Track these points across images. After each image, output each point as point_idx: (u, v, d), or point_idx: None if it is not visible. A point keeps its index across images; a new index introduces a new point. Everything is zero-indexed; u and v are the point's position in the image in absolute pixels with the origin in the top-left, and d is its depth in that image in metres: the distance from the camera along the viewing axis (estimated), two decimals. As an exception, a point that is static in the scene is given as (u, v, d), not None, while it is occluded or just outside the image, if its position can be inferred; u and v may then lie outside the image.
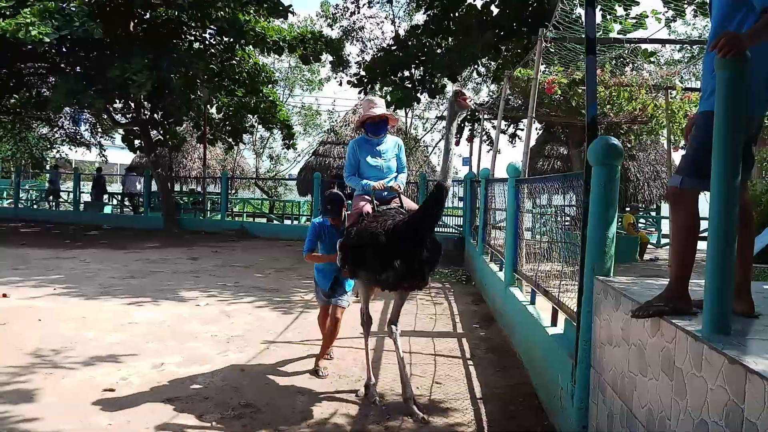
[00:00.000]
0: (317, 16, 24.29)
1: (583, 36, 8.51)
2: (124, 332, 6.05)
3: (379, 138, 4.68)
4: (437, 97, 17.27)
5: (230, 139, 19.99)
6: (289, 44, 16.60)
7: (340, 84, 16.86)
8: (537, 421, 4.03)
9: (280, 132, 20.87)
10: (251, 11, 16.23)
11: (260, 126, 21.58)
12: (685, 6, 12.85)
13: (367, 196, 4.45)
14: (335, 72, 17.74)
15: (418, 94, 14.43)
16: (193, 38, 17.65)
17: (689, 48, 18.44)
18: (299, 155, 32.64)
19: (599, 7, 8.98)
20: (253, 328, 6.42)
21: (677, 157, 18.21)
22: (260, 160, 33.76)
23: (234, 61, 18.17)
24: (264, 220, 20.46)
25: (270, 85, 19.92)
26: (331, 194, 4.77)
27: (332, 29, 22.33)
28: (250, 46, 17.38)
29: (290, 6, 16.05)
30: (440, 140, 27.89)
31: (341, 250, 4.30)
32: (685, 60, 18.94)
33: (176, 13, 15.41)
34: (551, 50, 8.93)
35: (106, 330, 6.11)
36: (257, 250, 14.03)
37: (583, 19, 4.22)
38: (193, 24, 16.49)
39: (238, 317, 6.92)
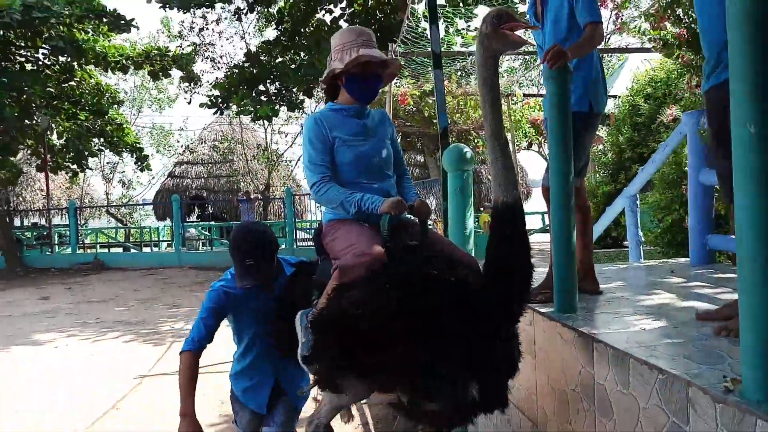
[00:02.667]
0: (158, 32, 23.28)
1: (430, 50, 9.02)
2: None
3: (365, 109, 2.55)
4: (296, 111, 17.31)
5: (74, 166, 18.56)
6: (135, 61, 15.81)
7: (189, 103, 16.29)
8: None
9: (130, 155, 19.74)
10: (89, 29, 15.26)
11: (108, 150, 20.26)
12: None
13: (366, 224, 2.36)
14: (186, 90, 17.15)
15: (277, 107, 14.41)
16: (24, 59, 16.19)
17: (524, 57, 20.14)
18: (153, 178, 31.03)
19: (442, 21, 9.60)
20: (121, 364, 6.05)
21: (522, 158, 19.75)
22: (111, 186, 31.64)
23: (73, 83, 16.92)
24: (120, 250, 19.23)
25: (116, 106, 18.81)
26: (254, 234, 2.51)
27: (181, 47, 21.60)
28: (91, 66, 16.31)
29: (133, 20, 15.30)
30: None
31: (336, 338, 2.11)
32: (522, 68, 20.62)
33: (1, 33, 14.09)
34: (401, 63, 9.36)
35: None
36: (116, 282, 13.16)
37: (429, 34, 4.53)
38: (23, 44, 15.16)
39: (104, 355, 6.48)
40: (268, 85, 14.63)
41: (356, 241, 2.25)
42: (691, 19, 5.24)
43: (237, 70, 14.83)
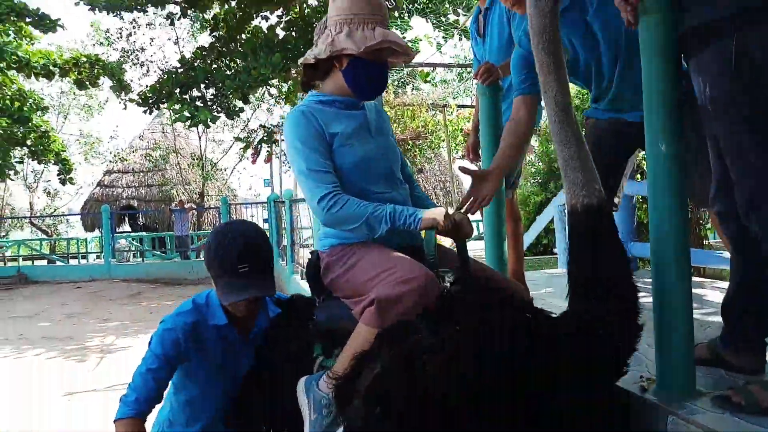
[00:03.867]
0: (88, 36, 22.39)
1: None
2: None
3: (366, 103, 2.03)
4: (234, 118, 17.06)
5: (-5, 176, 17.63)
6: (61, 68, 15.17)
7: (125, 108, 15.79)
8: None
9: (54, 165, 18.90)
10: (10, 31, 14.55)
11: (32, 159, 19.33)
12: (453, 30, 14.41)
13: (395, 249, 1.82)
14: (118, 97, 16.62)
15: (215, 113, 14.17)
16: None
17: (459, 69, 20.63)
18: (81, 188, 29.78)
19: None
20: (46, 382, 5.79)
21: (455, 167, 20.15)
22: (35, 195, 30.15)
23: (-7, 88, 16.10)
24: (45, 262, 18.36)
25: (40, 113, 17.98)
26: (246, 233, 1.85)
27: (108, 53, 20.89)
28: (13, 71, 15.55)
29: (58, 19, 14.68)
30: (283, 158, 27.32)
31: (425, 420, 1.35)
32: (457, 80, 21.09)
33: None
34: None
35: None
36: (41, 296, 12.55)
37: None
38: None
39: (28, 372, 6.19)
40: (203, 90, 14.36)
41: (392, 265, 1.66)
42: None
43: (170, 75, 14.50)
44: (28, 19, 14.16)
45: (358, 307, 1.68)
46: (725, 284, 3.19)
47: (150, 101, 13.93)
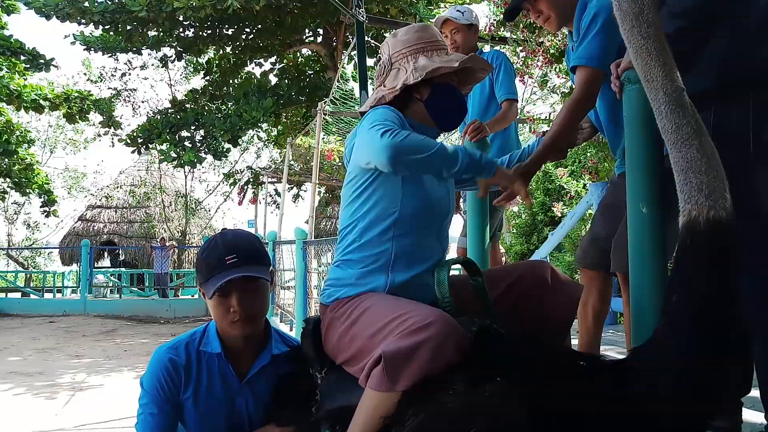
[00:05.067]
0: (79, 74, 22.55)
1: (356, 109, 9.29)
2: None
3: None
4: (221, 159, 17.19)
5: (-25, 206, 17.47)
6: (51, 102, 15.28)
7: (113, 145, 15.84)
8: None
9: (38, 197, 18.78)
10: (3, 65, 14.68)
11: (14, 191, 19.19)
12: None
13: None
14: (107, 133, 16.71)
15: (201, 154, 14.30)
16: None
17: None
18: (62, 221, 29.46)
19: (370, 83, 10.01)
20: (15, 418, 5.62)
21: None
22: (13, 227, 29.73)
23: (-19, 119, 16.13)
24: (18, 295, 17.96)
25: (26, 145, 17.97)
26: (236, 231, 1.86)
27: (99, 89, 21.06)
28: (3, 104, 15.62)
29: (52, 59, 14.88)
30: (224, 201, 27.30)
31: None
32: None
33: None
34: (329, 121, 9.61)
35: None
36: (12, 329, 12.23)
37: (357, 93, 4.73)
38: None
39: (-6, 409, 6.00)
40: (192, 131, 14.53)
41: (401, 312, 1.40)
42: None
43: (161, 116, 14.66)
44: (22, 58, 14.33)
45: (361, 371, 1.36)
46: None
47: (139, 141, 14.03)
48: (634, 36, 1.34)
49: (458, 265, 1.74)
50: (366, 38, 8.36)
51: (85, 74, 23.84)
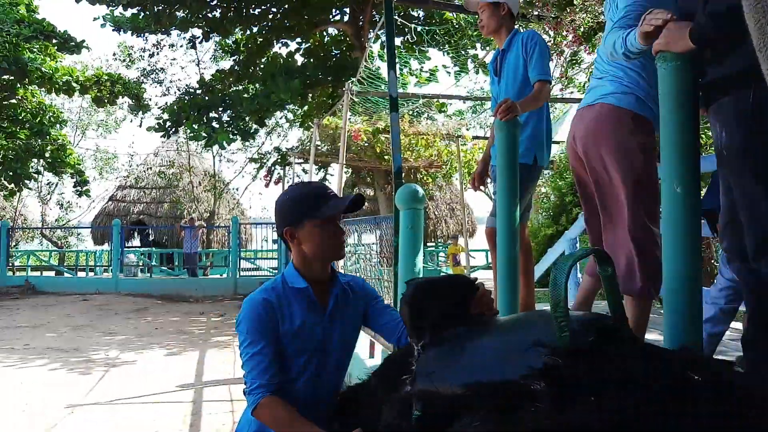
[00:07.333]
0: (114, 57, 22.70)
1: (384, 89, 9.20)
2: None
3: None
4: (249, 141, 17.28)
5: (12, 185, 17.83)
6: (82, 85, 15.48)
7: (141, 125, 16.03)
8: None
9: (70, 177, 19.15)
10: (35, 48, 14.90)
11: (47, 171, 19.60)
12: (470, 64, 14.64)
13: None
14: (135, 116, 16.88)
15: (231, 136, 14.40)
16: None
17: (474, 102, 20.88)
18: (93, 201, 30.06)
19: (398, 62, 9.92)
20: (51, 393, 5.81)
21: (468, 197, 20.23)
22: (47, 207, 30.45)
23: (14, 100, 16.40)
24: (53, 274, 18.45)
25: (58, 126, 18.29)
26: (320, 184, 1.99)
27: (128, 69, 21.28)
28: (35, 86, 15.88)
29: (83, 41, 15.05)
30: (269, 175, 27.39)
31: None
32: (470, 112, 21.31)
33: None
34: (356, 101, 9.58)
35: None
36: (48, 307, 12.60)
37: (386, 77, 4.70)
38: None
39: (32, 383, 6.21)
40: (220, 112, 14.60)
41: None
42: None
43: (189, 97, 14.75)
44: (54, 41, 14.49)
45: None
46: (738, 324, 3.20)
47: (167, 126, 14.14)
48: (756, 11, 1.08)
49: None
50: (394, 16, 8.28)
51: (117, 58, 24.14)
